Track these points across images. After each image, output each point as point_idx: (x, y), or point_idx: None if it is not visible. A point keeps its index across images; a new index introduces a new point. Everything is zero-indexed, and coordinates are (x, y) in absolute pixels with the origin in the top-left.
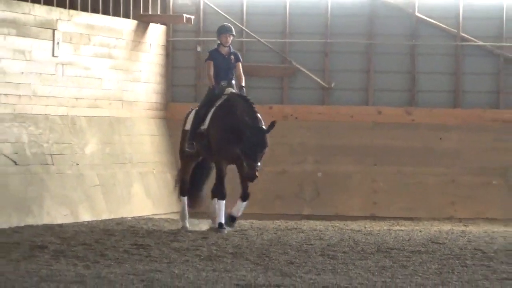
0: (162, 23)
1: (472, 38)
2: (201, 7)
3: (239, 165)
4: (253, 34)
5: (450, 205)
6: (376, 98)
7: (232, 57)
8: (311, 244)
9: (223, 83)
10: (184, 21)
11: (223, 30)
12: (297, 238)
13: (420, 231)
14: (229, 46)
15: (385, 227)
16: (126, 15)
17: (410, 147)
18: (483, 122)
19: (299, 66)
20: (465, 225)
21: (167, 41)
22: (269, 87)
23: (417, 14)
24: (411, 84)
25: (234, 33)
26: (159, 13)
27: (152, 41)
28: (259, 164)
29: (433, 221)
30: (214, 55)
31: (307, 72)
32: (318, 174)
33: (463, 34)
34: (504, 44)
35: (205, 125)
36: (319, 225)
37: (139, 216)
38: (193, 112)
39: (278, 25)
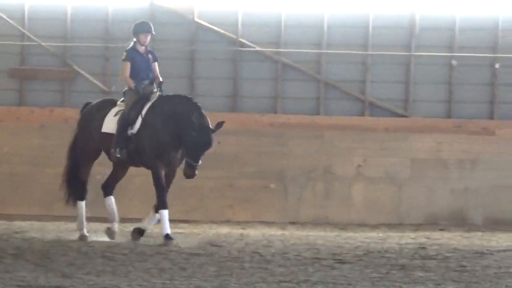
0: None
1: (251, 44)
2: None
3: (170, 170)
4: (34, 38)
5: (228, 208)
6: None
7: (150, 56)
8: (91, 246)
9: (146, 82)
10: None
11: (142, 29)
12: (77, 240)
13: (199, 234)
14: (146, 45)
15: None
16: None
17: None
18: (260, 126)
19: (79, 70)
20: (243, 228)
21: None
22: (49, 90)
23: (196, 19)
24: (190, 88)
25: (153, 31)
26: None
27: None
28: (199, 163)
29: (211, 224)
30: (132, 55)
31: (88, 75)
32: (97, 176)
33: (242, 40)
34: (282, 50)
35: (134, 130)
36: (99, 227)
37: None
38: (110, 114)
39: (60, 29)
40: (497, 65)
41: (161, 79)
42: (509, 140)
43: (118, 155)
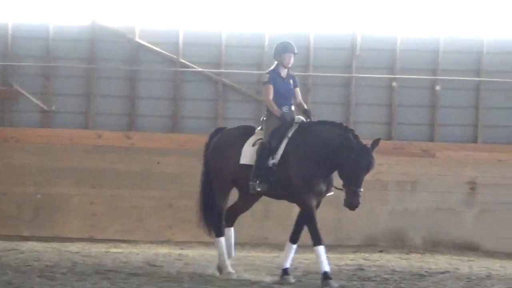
0: None
1: (191, 64)
2: None
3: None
4: None
5: (167, 228)
6: (97, 122)
7: (291, 81)
8: (29, 265)
9: (285, 109)
10: None
11: (286, 49)
12: (16, 259)
13: (138, 254)
14: (288, 68)
15: (103, 249)
16: None
17: (129, 170)
18: (201, 147)
19: (20, 89)
20: (182, 249)
21: None
22: None
23: (137, 39)
24: (131, 108)
25: (296, 51)
26: None
27: None
28: (362, 189)
29: (151, 244)
30: (274, 78)
31: (28, 95)
32: (37, 195)
33: (183, 60)
34: (223, 70)
35: (275, 159)
36: (37, 246)
37: None
38: (247, 143)
39: (1, 48)
40: (437, 87)
41: (305, 106)
42: (449, 162)
43: (259, 189)
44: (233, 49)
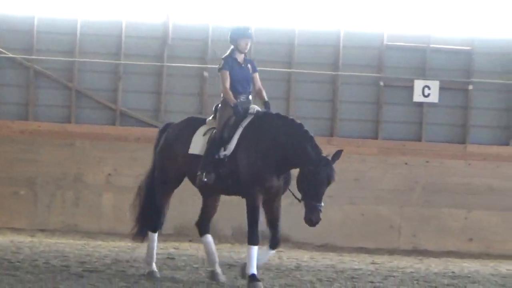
0: None
1: (3, 50)
2: None
3: (270, 199)
4: None
5: None
6: None
7: (249, 66)
8: None
9: (243, 98)
10: None
11: (242, 34)
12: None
13: None
14: (245, 53)
15: None
16: None
17: None
18: (11, 133)
19: None
20: None
21: None
22: None
23: None
24: None
25: (253, 37)
26: None
27: None
28: (322, 204)
29: None
30: (231, 64)
31: None
32: None
33: None
34: (35, 57)
35: (228, 151)
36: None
37: None
38: (198, 133)
39: None
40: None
41: (264, 94)
42: None
43: (205, 179)
44: (46, 35)
